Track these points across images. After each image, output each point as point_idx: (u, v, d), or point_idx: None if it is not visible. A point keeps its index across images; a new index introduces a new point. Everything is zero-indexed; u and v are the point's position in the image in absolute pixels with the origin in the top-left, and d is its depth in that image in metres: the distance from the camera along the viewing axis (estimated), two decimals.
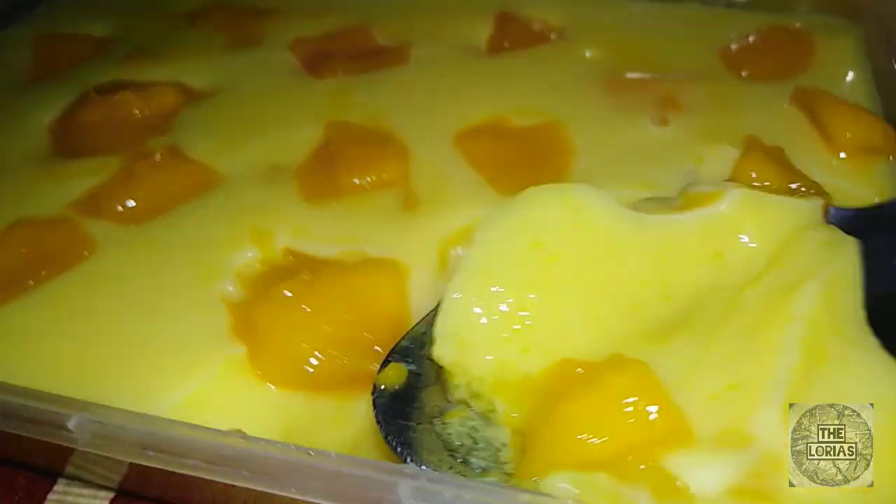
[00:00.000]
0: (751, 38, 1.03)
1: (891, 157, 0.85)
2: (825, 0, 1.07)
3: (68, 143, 0.96)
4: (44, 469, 0.88)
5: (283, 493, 0.55)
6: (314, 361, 0.68)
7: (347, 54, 1.03)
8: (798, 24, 1.04)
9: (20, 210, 0.85)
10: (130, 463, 0.74)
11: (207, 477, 0.56)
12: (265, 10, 1.17)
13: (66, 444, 0.60)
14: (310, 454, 0.56)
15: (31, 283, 0.77)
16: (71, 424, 0.59)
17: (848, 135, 0.85)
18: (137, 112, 0.97)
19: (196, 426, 0.59)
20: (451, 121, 0.90)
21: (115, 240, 0.81)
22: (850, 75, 0.97)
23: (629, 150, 0.85)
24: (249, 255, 0.77)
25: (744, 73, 0.98)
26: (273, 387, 0.68)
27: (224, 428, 0.61)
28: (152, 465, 0.57)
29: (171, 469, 0.57)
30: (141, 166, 0.86)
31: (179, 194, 0.84)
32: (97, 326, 0.72)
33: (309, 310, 0.69)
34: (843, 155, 0.85)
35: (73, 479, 0.88)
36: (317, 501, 0.54)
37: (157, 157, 0.87)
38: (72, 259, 0.79)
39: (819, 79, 0.95)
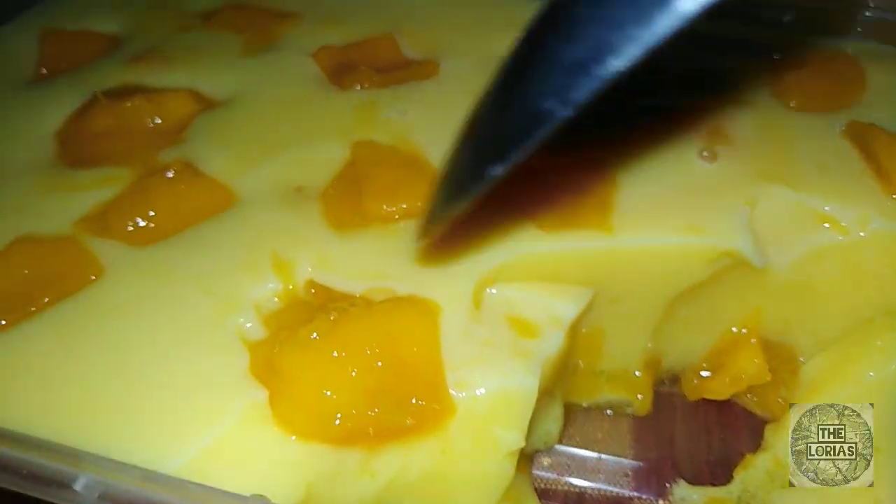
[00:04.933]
0: (799, 65, 0.97)
1: None
2: (877, 27, 1.02)
3: (75, 152, 0.90)
4: None
5: None
6: (342, 414, 0.62)
7: (373, 65, 0.97)
8: (849, 52, 0.99)
9: (23, 225, 0.79)
10: None
11: None
12: (285, 13, 1.11)
13: None
14: None
15: (33, 308, 0.72)
16: (78, 486, 0.54)
17: None
18: (149, 120, 0.91)
19: (215, 490, 0.55)
20: None
21: (124, 263, 0.75)
22: None
23: (676, 187, 0.79)
24: (270, 286, 0.72)
25: (792, 104, 0.92)
26: (295, 438, 0.63)
27: (244, 484, 0.57)
28: None
29: None
30: (153, 182, 0.81)
31: (193, 214, 0.79)
32: (104, 362, 0.66)
33: (336, 354, 0.64)
34: None
35: None
36: None
37: (171, 173, 0.81)
38: (77, 283, 0.73)
39: (872, 110, 0.90)
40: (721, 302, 0.85)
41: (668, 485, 0.84)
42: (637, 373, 0.88)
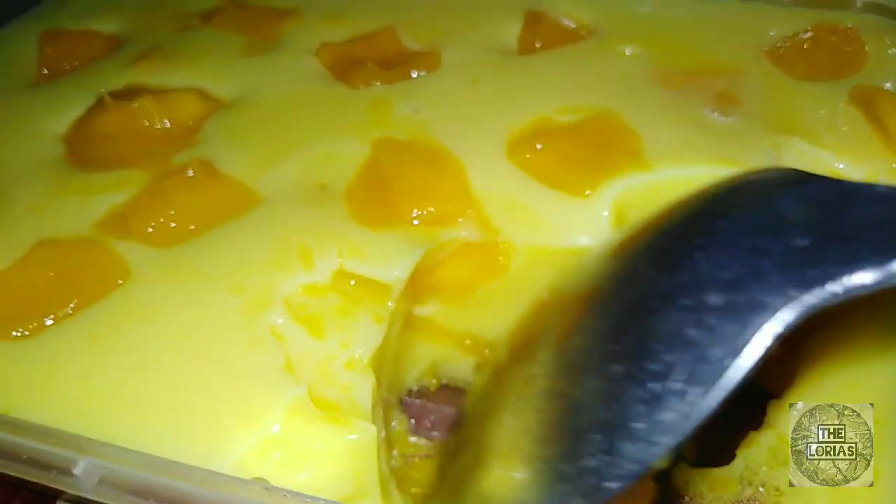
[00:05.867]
0: (798, 38, 0.98)
1: None
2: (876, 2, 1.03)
3: (85, 154, 0.90)
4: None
5: None
6: None
7: (376, 60, 0.97)
8: (848, 25, 1.00)
9: (40, 229, 0.79)
10: None
11: None
12: (284, 10, 1.11)
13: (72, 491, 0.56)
14: None
15: (60, 313, 0.71)
16: (77, 471, 0.55)
17: None
18: (158, 121, 0.91)
19: (214, 473, 0.56)
20: (500, 131, 0.85)
21: (150, 265, 0.74)
22: None
23: (699, 132, 0.82)
24: (299, 280, 0.72)
25: (795, 73, 0.93)
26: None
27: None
28: None
29: None
30: (173, 183, 0.80)
31: (216, 214, 0.78)
32: (138, 367, 0.66)
33: None
34: None
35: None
36: None
37: (190, 172, 0.80)
38: (105, 287, 0.73)
39: (875, 80, 0.91)
40: None
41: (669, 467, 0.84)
42: None
